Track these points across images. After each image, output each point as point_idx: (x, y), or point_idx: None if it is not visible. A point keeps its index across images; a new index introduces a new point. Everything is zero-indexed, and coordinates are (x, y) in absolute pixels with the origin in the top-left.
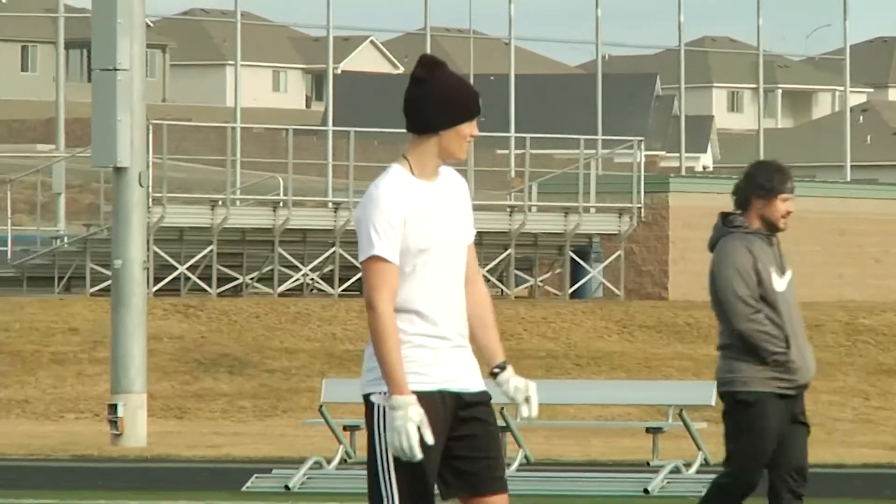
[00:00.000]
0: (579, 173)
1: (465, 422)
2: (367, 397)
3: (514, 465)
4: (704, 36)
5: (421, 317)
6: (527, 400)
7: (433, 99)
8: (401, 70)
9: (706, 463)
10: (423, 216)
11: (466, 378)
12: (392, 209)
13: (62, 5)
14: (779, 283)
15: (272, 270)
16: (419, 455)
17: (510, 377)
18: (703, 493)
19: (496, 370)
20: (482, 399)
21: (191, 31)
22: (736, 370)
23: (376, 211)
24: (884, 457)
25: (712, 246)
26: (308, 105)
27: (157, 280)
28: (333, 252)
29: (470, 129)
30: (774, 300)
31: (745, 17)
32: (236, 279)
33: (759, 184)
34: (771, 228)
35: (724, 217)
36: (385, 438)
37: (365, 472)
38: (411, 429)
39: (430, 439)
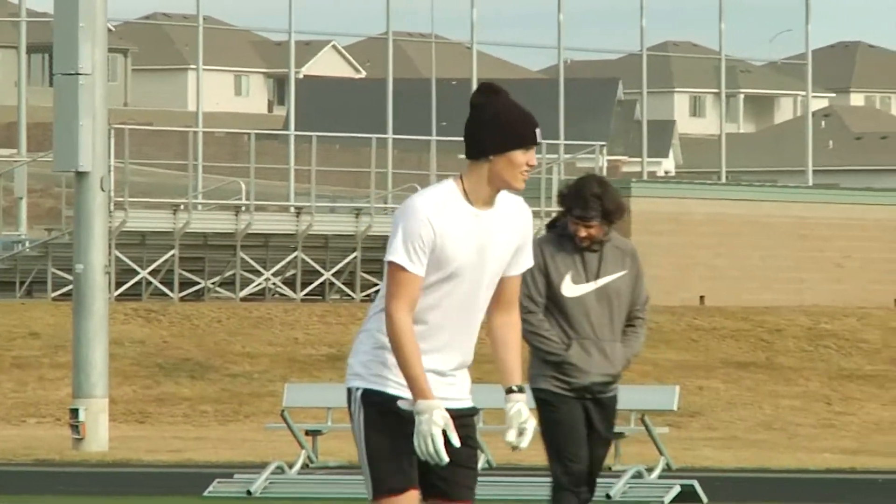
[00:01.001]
0: (541, 178)
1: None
2: (347, 390)
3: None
4: (667, 41)
5: (423, 340)
6: (521, 432)
7: (487, 124)
8: (363, 74)
9: (668, 468)
10: (456, 239)
11: (454, 395)
12: (427, 222)
13: (24, 10)
14: (571, 289)
15: (234, 275)
16: (445, 459)
17: (518, 402)
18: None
19: (512, 388)
20: (467, 413)
21: (153, 35)
22: (531, 366)
23: (411, 219)
24: (846, 462)
25: None
26: (270, 109)
27: (118, 284)
28: (296, 256)
29: (526, 157)
30: (562, 304)
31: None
32: (198, 284)
33: (565, 203)
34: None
35: (555, 217)
36: (359, 423)
37: (326, 477)
38: (436, 433)
39: (456, 441)
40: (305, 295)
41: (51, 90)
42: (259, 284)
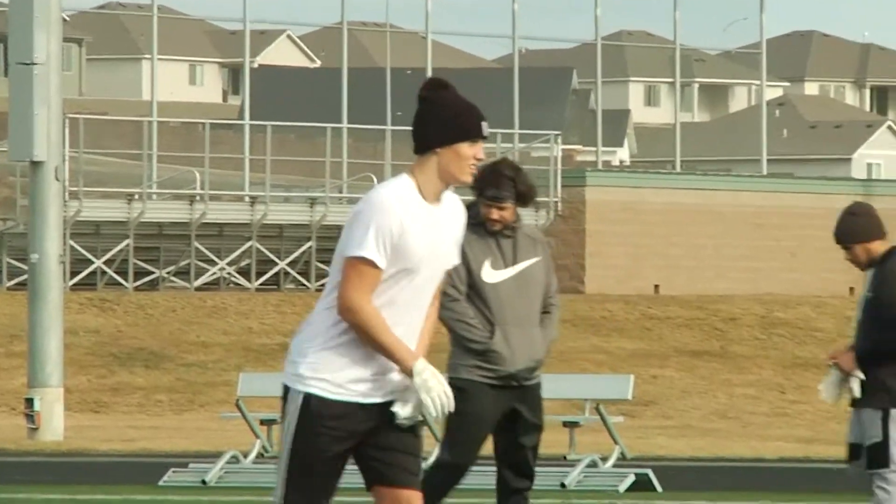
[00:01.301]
0: None
1: (385, 426)
2: (284, 389)
3: (431, 460)
4: (621, 30)
5: None
6: (405, 404)
7: (433, 117)
8: (317, 64)
9: (623, 457)
10: (416, 235)
11: (390, 386)
12: (393, 217)
13: None
14: (491, 275)
15: (189, 264)
16: (452, 401)
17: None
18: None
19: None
20: None
21: (107, 24)
22: (451, 356)
23: (379, 214)
24: (799, 450)
25: None
26: (225, 99)
27: (73, 274)
28: (250, 246)
29: (472, 150)
30: (483, 290)
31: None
32: (153, 273)
33: (479, 185)
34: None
35: (469, 206)
36: (290, 423)
37: None
38: (445, 387)
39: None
40: (260, 284)
41: (5, 80)
42: (214, 274)
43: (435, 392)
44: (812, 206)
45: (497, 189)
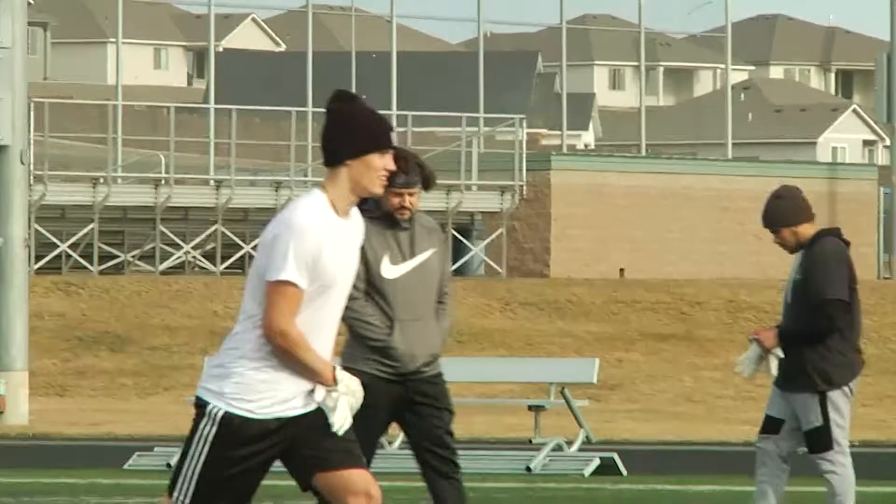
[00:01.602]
0: (461, 151)
1: (303, 435)
2: (203, 400)
3: (397, 444)
4: (586, 14)
5: None
6: (333, 410)
7: (341, 129)
8: (283, 48)
9: (588, 440)
10: (331, 253)
11: (306, 400)
12: (311, 238)
13: None
14: (390, 270)
15: (154, 248)
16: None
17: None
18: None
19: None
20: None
21: (72, 8)
22: (348, 346)
23: (296, 236)
24: None
25: None
26: (190, 83)
27: (38, 258)
28: (215, 230)
29: (383, 161)
30: (382, 286)
31: None
32: (118, 257)
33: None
34: (390, 217)
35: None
36: (204, 439)
37: None
38: (353, 396)
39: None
40: (225, 268)
41: None
42: (179, 258)
43: (355, 390)
44: None
45: (407, 175)
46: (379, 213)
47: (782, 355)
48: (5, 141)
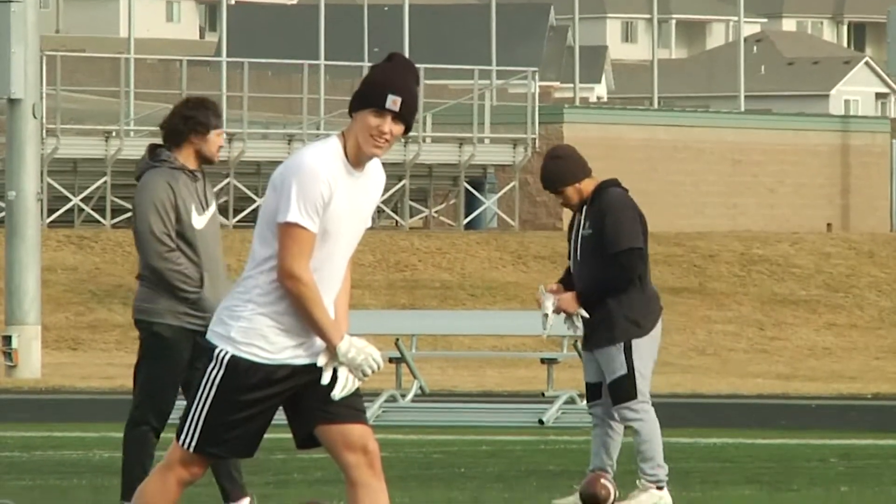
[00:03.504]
0: (473, 104)
1: (308, 386)
2: (212, 344)
3: (410, 396)
4: None
5: None
6: (342, 377)
7: (365, 81)
8: (295, 0)
9: None
10: (339, 200)
11: (316, 347)
12: (321, 182)
13: None
14: (198, 221)
15: None
16: (379, 359)
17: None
18: None
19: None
20: None
21: None
22: (152, 301)
23: (307, 179)
24: (778, 387)
25: (138, 178)
26: (202, 36)
27: (50, 211)
28: (228, 183)
29: (377, 121)
30: (192, 238)
31: None
32: (130, 211)
33: (199, 121)
34: (206, 162)
35: (152, 150)
36: (212, 382)
37: None
38: (369, 353)
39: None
40: (238, 221)
41: None
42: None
43: (360, 364)
44: (790, 143)
45: (219, 117)
46: (178, 164)
47: (587, 314)
48: (18, 94)
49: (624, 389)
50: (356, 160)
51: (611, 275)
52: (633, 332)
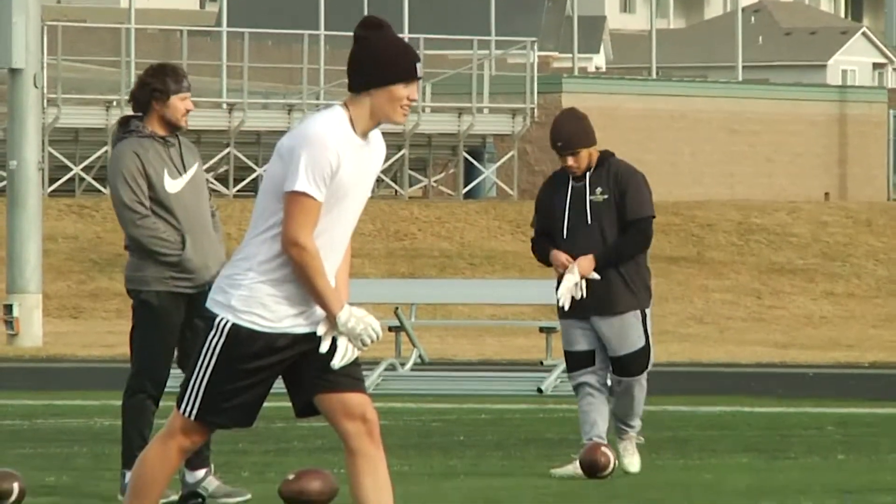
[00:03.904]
0: (472, 74)
1: (308, 355)
2: (212, 312)
3: (409, 365)
4: None
5: None
6: (342, 346)
7: (369, 58)
8: None
9: None
10: (346, 169)
11: (316, 316)
12: (330, 151)
13: None
14: (172, 185)
15: None
16: (378, 329)
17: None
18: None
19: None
20: None
21: None
22: (139, 269)
23: (314, 148)
24: (776, 355)
25: (113, 148)
26: (202, 6)
27: (52, 181)
28: (228, 153)
29: (407, 91)
30: (168, 202)
31: None
32: None
33: (155, 87)
34: (174, 129)
35: (123, 122)
36: (212, 351)
37: None
38: (369, 322)
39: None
40: (238, 191)
41: None
42: None
43: (359, 334)
44: (787, 113)
45: (179, 82)
46: (148, 132)
47: (599, 277)
48: (19, 64)
49: (641, 361)
50: (363, 130)
51: (631, 241)
52: (648, 300)
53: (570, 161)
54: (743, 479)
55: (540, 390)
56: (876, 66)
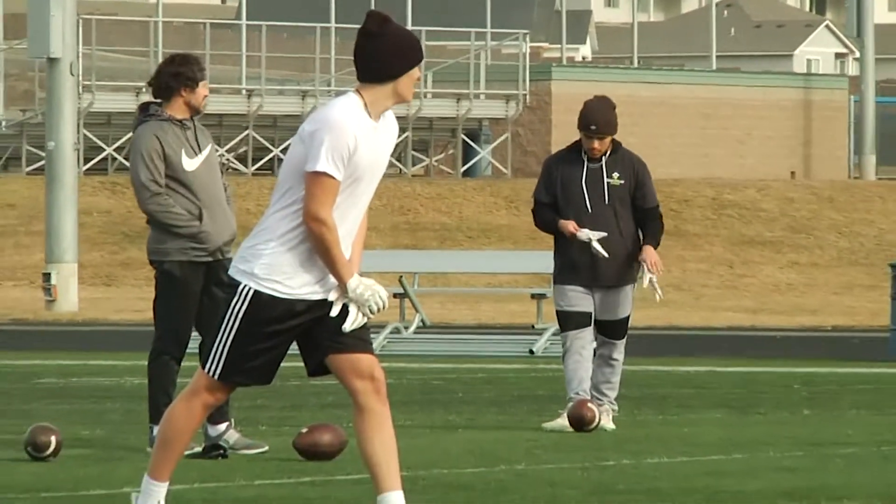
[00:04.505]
0: (470, 63)
1: (322, 319)
2: (235, 280)
3: (412, 329)
4: None
5: None
6: (353, 313)
7: (389, 50)
8: None
9: None
10: (362, 151)
11: (330, 284)
12: (347, 135)
13: None
14: (189, 164)
15: None
16: (385, 298)
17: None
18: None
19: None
20: None
21: None
22: (159, 241)
23: (333, 132)
24: (746, 320)
25: (134, 131)
26: (223, 1)
27: (86, 160)
28: (247, 134)
29: (418, 72)
30: (186, 179)
31: None
32: None
33: (187, 76)
34: (195, 112)
35: (143, 107)
36: (235, 316)
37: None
38: (377, 291)
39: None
40: (256, 169)
41: None
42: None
43: (367, 300)
44: (757, 98)
45: (203, 70)
46: (166, 116)
47: (606, 255)
48: (56, 54)
49: (626, 326)
50: (377, 113)
51: (660, 226)
52: (637, 273)
53: (597, 144)
54: (716, 432)
55: (531, 352)
56: (838, 55)
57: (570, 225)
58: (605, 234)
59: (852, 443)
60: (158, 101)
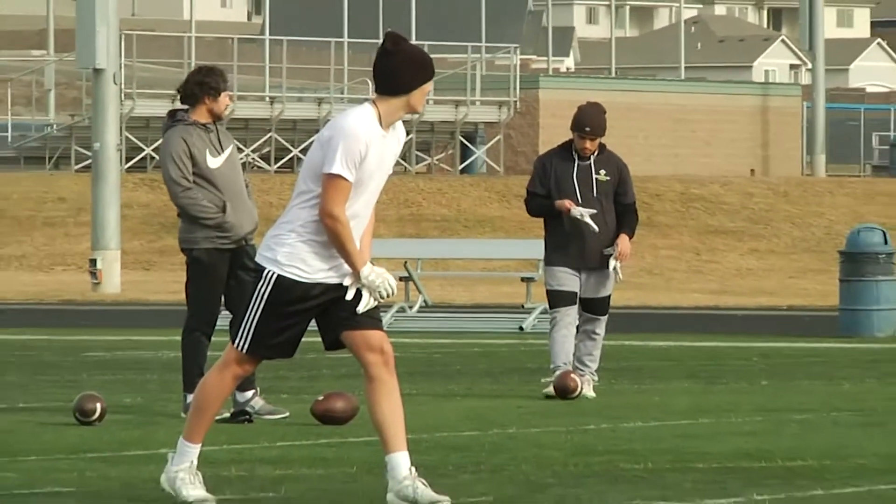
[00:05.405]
0: (467, 73)
1: (338, 300)
2: (261, 266)
3: (416, 308)
4: None
5: None
6: (365, 297)
7: (405, 67)
8: None
9: None
10: (372, 156)
11: (344, 269)
12: (360, 142)
13: None
14: (213, 162)
15: None
16: (394, 284)
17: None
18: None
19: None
20: None
21: None
22: (189, 231)
23: (348, 139)
24: (711, 300)
25: (164, 134)
26: (250, 18)
27: (128, 159)
28: (270, 136)
29: (429, 86)
30: (210, 175)
31: None
32: None
33: (212, 86)
34: (217, 118)
35: (171, 114)
36: (261, 297)
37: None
38: (386, 278)
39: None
40: (278, 167)
41: (74, 2)
42: (241, 159)
43: (378, 286)
44: (721, 105)
45: (226, 81)
46: (191, 121)
47: (597, 230)
48: (102, 65)
49: (607, 304)
50: (388, 123)
51: (635, 220)
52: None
53: (588, 144)
54: (685, 400)
55: (521, 328)
56: (792, 66)
57: (566, 202)
58: (595, 210)
59: (806, 409)
60: (185, 107)
